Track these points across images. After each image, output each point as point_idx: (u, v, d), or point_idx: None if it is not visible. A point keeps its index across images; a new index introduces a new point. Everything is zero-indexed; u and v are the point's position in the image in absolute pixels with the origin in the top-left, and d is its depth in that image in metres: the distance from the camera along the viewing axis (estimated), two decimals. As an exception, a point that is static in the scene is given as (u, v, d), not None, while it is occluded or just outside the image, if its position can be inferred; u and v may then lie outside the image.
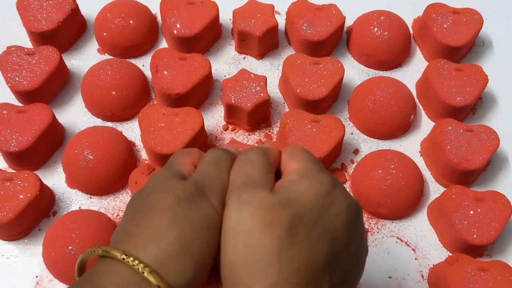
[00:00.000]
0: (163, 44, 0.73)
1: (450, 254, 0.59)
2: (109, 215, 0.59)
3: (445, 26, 0.70)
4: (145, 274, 0.29)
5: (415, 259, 0.59)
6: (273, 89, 0.69)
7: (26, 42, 0.71)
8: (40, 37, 0.67)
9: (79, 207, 0.60)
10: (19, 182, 0.56)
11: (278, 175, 0.37)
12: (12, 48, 0.65)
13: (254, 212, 0.31)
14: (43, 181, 0.58)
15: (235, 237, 0.31)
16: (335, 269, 0.32)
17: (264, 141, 0.65)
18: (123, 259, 0.30)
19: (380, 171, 0.60)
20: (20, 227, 0.57)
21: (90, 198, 0.61)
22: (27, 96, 0.64)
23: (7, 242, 0.58)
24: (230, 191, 0.34)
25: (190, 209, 0.33)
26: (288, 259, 0.30)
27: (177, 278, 0.30)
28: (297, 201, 0.32)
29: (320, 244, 0.31)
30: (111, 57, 0.71)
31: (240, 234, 0.31)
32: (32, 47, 0.69)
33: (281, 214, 0.31)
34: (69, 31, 0.70)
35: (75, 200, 0.61)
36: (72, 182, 0.61)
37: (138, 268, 0.30)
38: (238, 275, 0.31)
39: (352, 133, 0.67)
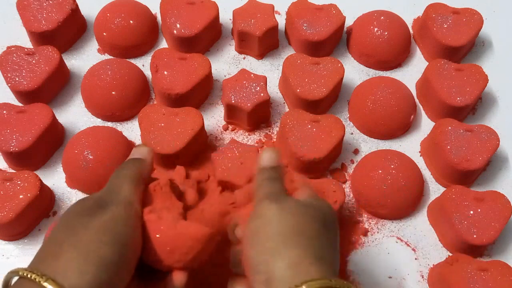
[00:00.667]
0: (163, 44, 0.73)
1: (450, 254, 0.59)
2: (109, 215, 0.59)
3: (445, 26, 0.70)
4: (42, 282, 0.33)
5: (415, 259, 0.59)
6: (273, 89, 0.69)
7: (26, 42, 0.71)
8: (40, 37, 0.67)
9: (79, 207, 0.60)
10: (19, 182, 0.56)
11: None
12: (12, 48, 0.65)
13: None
14: (43, 181, 0.58)
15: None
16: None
17: (264, 141, 0.65)
18: (26, 275, 0.34)
19: (380, 171, 0.59)
20: (20, 227, 0.57)
21: (90, 198, 0.61)
22: (27, 96, 0.64)
23: (7, 242, 0.58)
24: (260, 199, 0.41)
25: (88, 219, 0.37)
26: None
27: (76, 281, 0.33)
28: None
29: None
30: (111, 57, 0.71)
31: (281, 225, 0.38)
32: (32, 47, 0.69)
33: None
34: (69, 31, 0.70)
35: (75, 200, 0.60)
36: (72, 182, 0.61)
37: (36, 279, 0.33)
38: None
39: (352, 133, 0.67)
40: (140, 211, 0.40)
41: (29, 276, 0.33)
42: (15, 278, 0.35)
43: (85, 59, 0.71)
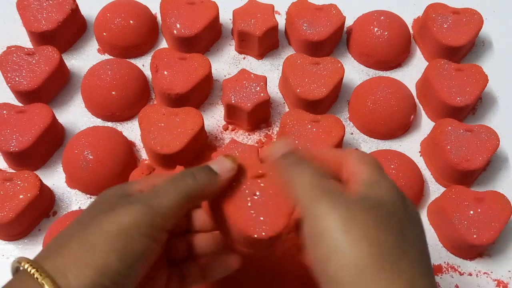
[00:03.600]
0: (163, 44, 0.73)
1: (450, 254, 0.59)
2: (109, 215, 0.59)
3: (445, 26, 0.70)
4: (40, 280, 0.31)
5: (415, 259, 0.59)
6: (273, 89, 0.69)
7: (26, 42, 0.71)
8: (40, 37, 0.67)
9: (79, 207, 0.60)
10: (19, 182, 0.56)
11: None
12: (12, 48, 0.65)
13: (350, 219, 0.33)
14: (43, 181, 0.58)
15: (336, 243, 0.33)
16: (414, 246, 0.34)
17: (264, 141, 0.65)
18: (27, 268, 0.32)
19: (380, 171, 0.59)
20: (20, 227, 0.57)
21: (90, 198, 0.61)
22: (27, 96, 0.64)
23: (7, 242, 0.58)
24: (308, 201, 0.35)
25: (105, 216, 0.34)
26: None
27: (75, 283, 0.31)
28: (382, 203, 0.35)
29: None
30: (111, 57, 0.71)
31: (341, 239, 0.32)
32: (32, 47, 0.69)
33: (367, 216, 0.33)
34: (69, 31, 0.70)
35: (75, 200, 0.61)
36: (72, 182, 0.61)
37: (34, 275, 0.32)
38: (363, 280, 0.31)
39: (352, 133, 0.67)
40: (170, 229, 0.36)
41: (29, 270, 0.32)
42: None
43: (85, 59, 0.71)
